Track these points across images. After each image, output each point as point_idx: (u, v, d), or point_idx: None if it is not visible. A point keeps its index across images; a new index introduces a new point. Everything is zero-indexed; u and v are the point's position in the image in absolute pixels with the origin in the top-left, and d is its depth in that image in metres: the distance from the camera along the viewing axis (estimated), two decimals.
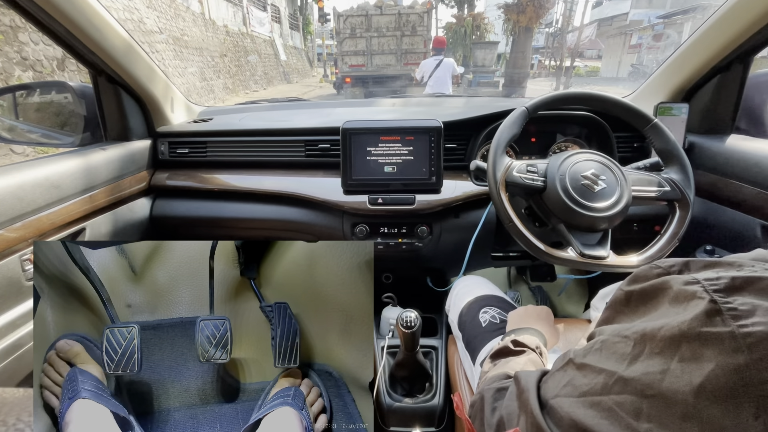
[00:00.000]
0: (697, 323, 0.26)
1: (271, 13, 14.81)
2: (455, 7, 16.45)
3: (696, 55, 0.94)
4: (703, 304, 0.26)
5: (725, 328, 0.25)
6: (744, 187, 0.84)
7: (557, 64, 13.92)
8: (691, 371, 0.25)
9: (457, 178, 1.01)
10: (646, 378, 0.28)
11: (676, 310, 0.28)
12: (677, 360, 0.26)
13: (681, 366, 0.26)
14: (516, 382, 0.42)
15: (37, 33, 3.73)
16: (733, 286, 0.27)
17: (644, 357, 0.29)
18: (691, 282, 0.28)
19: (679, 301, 0.29)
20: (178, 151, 1.11)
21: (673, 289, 0.30)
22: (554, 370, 0.38)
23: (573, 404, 0.33)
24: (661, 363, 0.27)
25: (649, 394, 0.27)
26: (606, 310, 0.37)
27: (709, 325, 0.26)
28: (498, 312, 0.78)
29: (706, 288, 0.27)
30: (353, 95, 8.96)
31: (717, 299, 0.26)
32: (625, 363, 0.30)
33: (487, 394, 0.46)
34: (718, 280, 0.28)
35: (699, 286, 0.28)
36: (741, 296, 0.26)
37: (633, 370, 0.29)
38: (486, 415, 0.45)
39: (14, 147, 3.35)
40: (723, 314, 0.26)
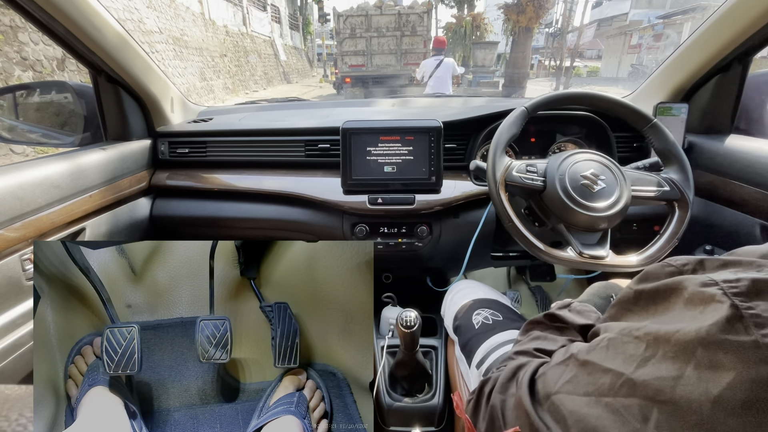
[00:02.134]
0: (716, 329, 0.24)
1: (271, 13, 14.81)
2: (455, 7, 16.45)
3: (696, 55, 0.94)
4: (724, 309, 0.25)
5: (748, 336, 0.23)
6: (743, 187, 0.84)
7: (557, 65, 13.93)
8: (708, 380, 0.24)
9: (456, 178, 1.01)
10: (657, 383, 0.26)
11: (693, 314, 0.27)
12: (693, 367, 0.25)
13: (697, 373, 0.25)
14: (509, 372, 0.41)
15: (37, 33, 3.74)
16: (754, 290, 0.25)
17: (656, 360, 0.27)
18: (709, 283, 0.27)
19: (695, 303, 0.27)
20: (178, 151, 1.11)
21: (688, 290, 0.28)
22: (554, 363, 0.37)
23: (575, 402, 0.31)
24: (675, 369, 0.26)
25: (660, 399, 0.26)
26: (612, 307, 0.36)
27: (730, 332, 0.24)
28: (491, 313, 0.78)
29: (726, 291, 0.25)
30: (353, 95, 8.95)
31: (738, 304, 0.25)
32: (634, 365, 0.28)
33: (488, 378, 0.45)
34: (738, 282, 0.26)
35: (717, 289, 0.26)
36: (764, 301, 0.24)
37: (643, 373, 0.27)
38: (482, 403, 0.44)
39: (14, 147, 3.34)
40: (745, 321, 0.24)
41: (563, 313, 0.49)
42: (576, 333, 0.47)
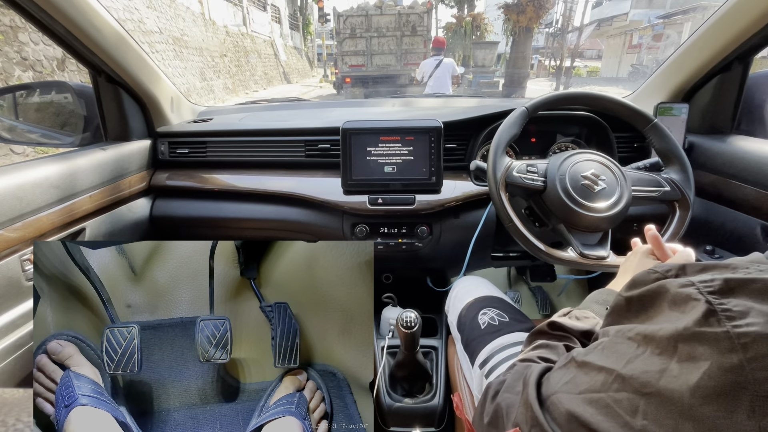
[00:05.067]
0: (694, 324, 0.27)
1: (271, 14, 14.82)
2: (455, 7, 16.44)
3: (696, 55, 0.94)
4: (700, 306, 0.27)
5: (720, 328, 0.26)
6: (744, 187, 0.84)
7: (557, 65, 13.92)
8: (689, 371, 0.26)
9: (457, 179, 1.01)
10: (644, 376, 0.28)
11: (676, 314, 0.29)
12: (676, 360, 0.27)
13: (679, 366, 0.27)
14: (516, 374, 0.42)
15: (37, 33, 3.73)
16: (727, 288, 0.28)
17: (645, 357, 0.29)
18: (687, 285, 0.29)
19: (677, 303, 0.30)
20: (178, 151, 1.11)
21: (671, 292, 0.31)
22: (557, 367, 0.39)
23: (572, 400, 0.33)
24: (660, 362, 0.28)
25: (647, 392, 0.28)
26: (608, 315, 0.38)
27: (704, 325, 0.26)
28: (497, 313, 0.78)
29: (701, 290, 0.28)
30: (353, 95, 8.95)
31: (712, 301, 0.27)
32: (625, 361, 0.30)
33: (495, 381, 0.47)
34: (712, 282, 0.28)
35: (694, 288, 0.29)
36: (735, 298, 0.27)
37: (632, 368, 0.30)
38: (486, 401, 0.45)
39: (14, 147, 3.34)
40: (718, 315, 0.26)
41: (564, 320, 0.52)
42: (576, 340, 0.50)
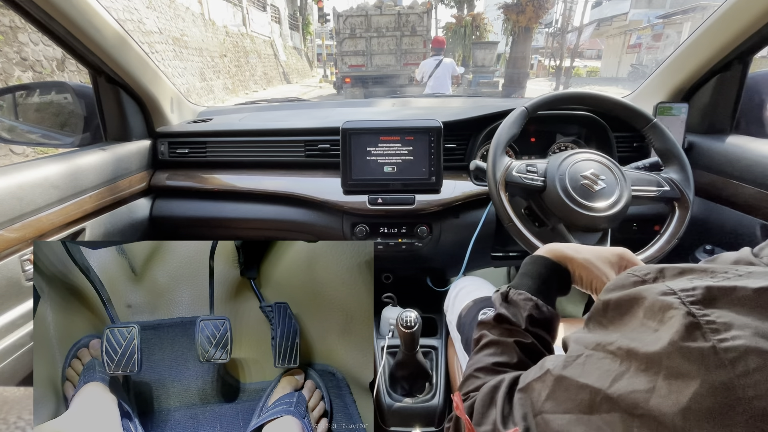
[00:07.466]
0: (678, 338, 0.25)
1: (270, 14, 14.81)
2: (455, 7, 16.44)
3: (695, 54, 0.94)
4: (681, 317, 0.26)
5: (706, 343, 0.24)
6: (744, 187, 0.84)
7: (557, 65, 13.92)
8: (678, 390, 0.24)
9: (456, 178, 1.01)
10: (632, 396, 0.27)
11: (653, 323, 0.28)
12: (662, 377, 0.26)
13: (667, 384, 0.25)
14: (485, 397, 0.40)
15: (37, 33, 3.74)
16: (709, 297, 0.26)
17: (630, 375, 0.28)
18: (667, 293, 0.28)
19: (655, 312, 0.28)
20: (177, 152, 1.11)
21: (648, 299, 0.29)
22: (530, 379, 0.37)
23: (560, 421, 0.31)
24: (647, 381, 0.26)
25: (638, 413, 0.26)
26: (587, 320, 0.36)
27: (689, 339, 0.25)
28: None
29: (683, 300, 0.26)
30: (353, 95, 8.95)
31: (695, 312, 0.25)
32: (610, 380, 0.29)
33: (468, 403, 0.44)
34: (693, 290, 0.27)
35: (675, 298, 0.27)
36: (718, 308, 0.25)
37: (618, 387, 0.28)
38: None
39: (14, 147, 3.34)
40: (702, 328, 0.25)
41: (507, 313, 0.49)
42: (525, 333, 0.47)
